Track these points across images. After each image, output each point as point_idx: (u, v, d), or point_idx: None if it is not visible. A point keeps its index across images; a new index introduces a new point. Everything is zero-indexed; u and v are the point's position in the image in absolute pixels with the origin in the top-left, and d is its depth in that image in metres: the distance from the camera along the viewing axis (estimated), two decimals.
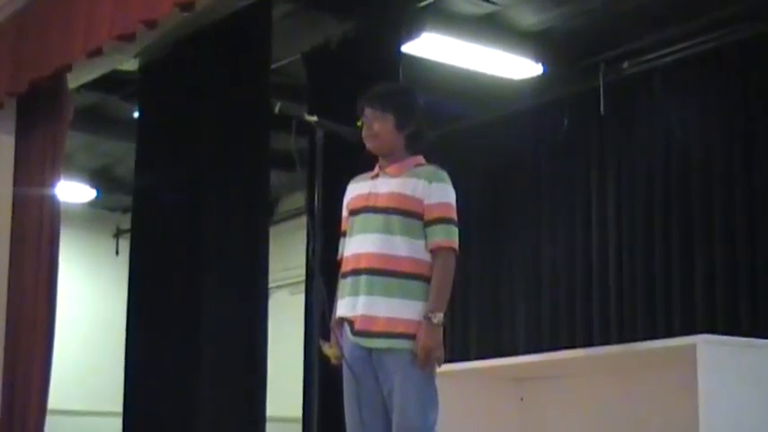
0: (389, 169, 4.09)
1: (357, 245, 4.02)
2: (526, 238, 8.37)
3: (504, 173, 8.64)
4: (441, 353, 3.92)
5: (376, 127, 4.07)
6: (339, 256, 4.12)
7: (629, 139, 7.78)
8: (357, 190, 4.13)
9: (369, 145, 4.10)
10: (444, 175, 4.04)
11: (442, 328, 3.91)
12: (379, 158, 4.13)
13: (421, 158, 4.13)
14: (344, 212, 4.16)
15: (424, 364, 3.88)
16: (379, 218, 3.99)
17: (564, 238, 8.10)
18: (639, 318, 7.45)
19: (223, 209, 7.10)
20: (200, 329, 6.93)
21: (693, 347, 4.33)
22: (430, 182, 4.00)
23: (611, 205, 7.79)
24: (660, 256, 7.41)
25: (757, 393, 4.43)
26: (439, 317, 3.89)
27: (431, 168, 4.07)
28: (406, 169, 4.06)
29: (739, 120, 7.18)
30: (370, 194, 4.06)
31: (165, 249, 7.23)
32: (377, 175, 4.12)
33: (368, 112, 4.09)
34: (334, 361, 4.02)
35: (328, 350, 4.01)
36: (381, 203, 4.01)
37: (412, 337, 3.89)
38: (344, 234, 4.13)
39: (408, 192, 3.99)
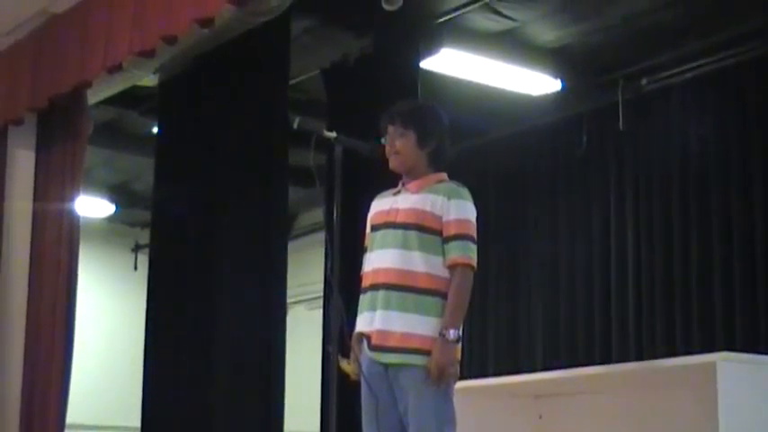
0: (411, 186, 4.10)
1: (376, 260, 4.03)
2: (544, 254, 8.35)
3: (523, 189, 8.63)
4: (455, 370, 3.90)
5: (398, 144, 4.09)
6: (361, 272, 4.12)
7: (648, 155, 7.77)
8: (379, 206, 4.15)
9: (391, 163, 4.11)
10: (464, 191, 4.04)
11: (457, 345, 3.90)
12: (403, 175, 4.14)
13: (443, 175, 4.13)
14: (367, 228, 4.18)
15: (438, 380, 3.85)
16: (397, 233, 4.00)
17: (582, 254, 8.08)
18: (658, 335, 7.42)
19: (241, 224, 7.10)
20: (218, 344, 6.94)
21: (713, 365, 4.31)
22: (449, 198, 4.00)
23: (630, 221, 7.78)
24: (679, 273, 7.38)
25: None
26: (454, 333, 3.87)
27: (451, 185, 4.07)
28: (427, 186, 4.06)
29: (758, 136, 7.16)
30: (390, 210, 4.08)
31: (183, 264, 7.24)
32: (399, 192, 4.13)
33: (390, 129, 4.11)
34: (352, 377, 4.02)
35: (347, 366, 4.00)
36: (400, 219, 4.02)
37: (426, 353, 3.87)
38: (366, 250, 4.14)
39: (427, 208, 4.00)
